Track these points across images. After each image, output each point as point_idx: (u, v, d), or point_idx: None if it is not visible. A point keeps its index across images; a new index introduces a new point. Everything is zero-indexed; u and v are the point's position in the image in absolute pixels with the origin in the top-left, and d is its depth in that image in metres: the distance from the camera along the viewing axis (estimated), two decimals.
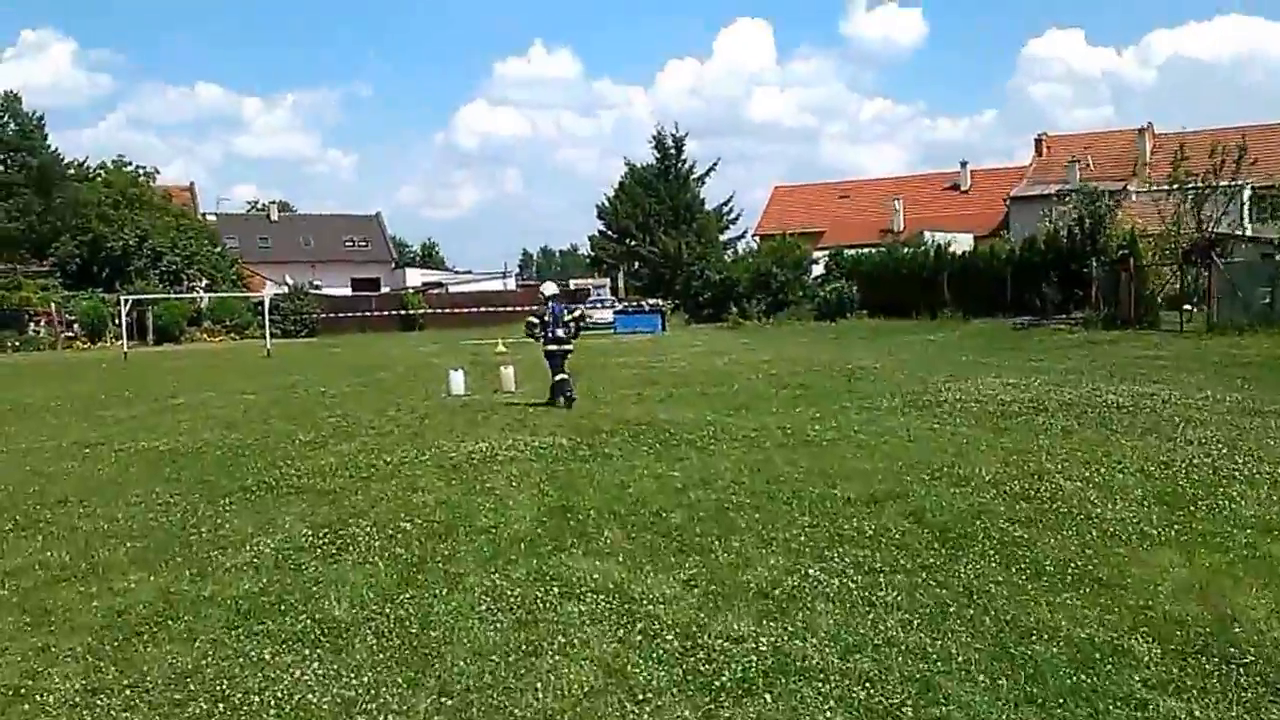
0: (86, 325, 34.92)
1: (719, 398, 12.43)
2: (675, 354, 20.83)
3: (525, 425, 10.78)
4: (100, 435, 11.24)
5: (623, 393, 13.45)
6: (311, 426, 11.34)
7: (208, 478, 8.36)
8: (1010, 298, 26.09)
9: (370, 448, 9.58)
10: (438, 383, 16.38)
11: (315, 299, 42.25)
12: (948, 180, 54.54)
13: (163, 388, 17.28)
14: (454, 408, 12.68)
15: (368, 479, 8.07)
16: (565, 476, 7.81)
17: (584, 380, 15.58)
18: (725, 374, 15.35)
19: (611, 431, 9.90)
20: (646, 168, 53.93)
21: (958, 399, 10.81)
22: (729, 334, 29.18)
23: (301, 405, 13.70)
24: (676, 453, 8.57)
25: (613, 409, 11.80)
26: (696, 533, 5.95)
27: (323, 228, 60.69)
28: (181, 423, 12.07)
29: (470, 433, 10.36)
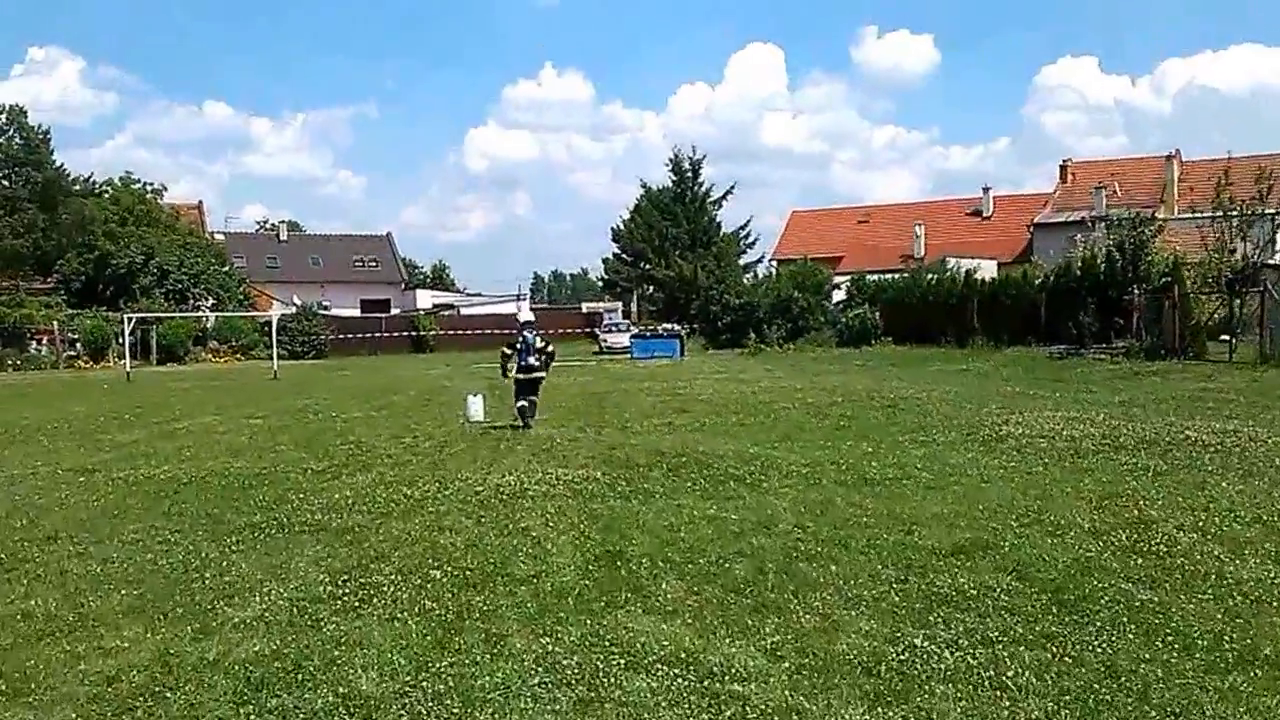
0: (89, 344, 34.50)
1: (757, 428, 11.77)
2: (699, 380, 20.19)
3: (553, 455, 10.14)
4: (97, 461, 10.64)
5: (653, 421, 12.81)
6: (323, 455, 10.72)
7: (212, 511, 7.73)
8: (1044, 326, 25.39)
9: (388, 479, 8.95)
10: (454, 407, 15.79)
11: (324, 320, 41.84)
12: (969, 206, 54.10)
13: (165, 410, 16.71)
14: (474, 435, 12.05)
15: (388, 515, 7.43)
16: (606, 516, 7.15)
17: (610, 407, 14.98)
18: (759, 402, 14.69)
19: (648, 464, 9.25)
20: (663, 190, 53.75)
21: (1021, 434, 10.13)
22: (751, 360, 28.52)
23: (312, 431, 13.10)
24: (725, 490, 7.91)
25: (645, 439, 11.15)
26: (768, 588, 5.28)
27: (332, 248, 60.51)
28: (184, 449, 11.46)
29: (495, 463, 9.72)
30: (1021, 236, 50.35)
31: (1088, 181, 50.15)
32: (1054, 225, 49.18)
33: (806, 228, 56.14)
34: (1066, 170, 51.58)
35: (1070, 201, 49.72)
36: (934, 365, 22.56)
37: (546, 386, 15.40)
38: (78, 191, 40.66)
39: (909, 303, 32.66)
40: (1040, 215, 49.58)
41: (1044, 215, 49.52)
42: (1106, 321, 23.46)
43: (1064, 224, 48.84)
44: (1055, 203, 50.19)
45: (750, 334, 35.67)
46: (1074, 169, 51.62)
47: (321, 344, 40.34)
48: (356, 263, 59.83)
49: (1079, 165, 52.08)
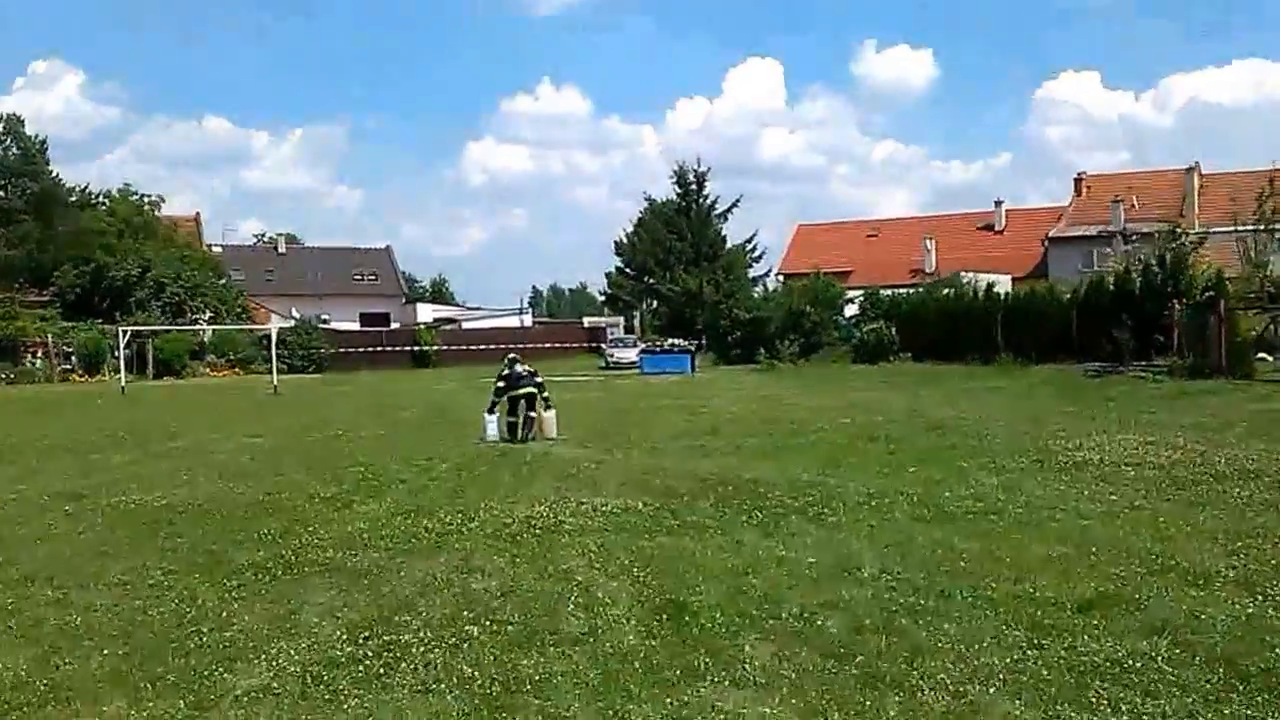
0: (85, 357, 33.69)
1: (799, 451, 10.94)
2: (718, 398, 19.37)
3: (582, 481, 9.32)
4: (86, 485, 9.80)
5: (683, 442, 11.99)
6: (332, 479, 9.89)
7: (210, 547, 6.89)
8: (1076, 342, 24.58)
9: (405, 508, 8.12)
10: (465, 426, 14.98)
11: (323, 334, 41.05)
12: (980, 220, 53.47)
13: (161, 427, 15.88)
14: (491, 457, 11.22)
15: (409, 553, 6.60)
16: (658, 556, 6.32)
17: (633, 426, 14.16)
18: (792, 422, 13.87)
19: (692, 493, 8.42)
20: (667, 203, 53.05)
21: (1100, 460, 9.30)
22: (765, 377, 27.69)
23: (317, 452, 12.26)
24: (787, 525, 7.08)
25: (679, 462, 10.33)
26: (874, 652, 4.44)
27: (331, 260, 59.78)
28: (181, 471, 10.62)
29: (521, 490, 8.89)
30: (1035, 251, 49.67)
31: (1102, 195, 49.54)
32: (1069, 239, 48.60)
33: (813, 241, 55.44)
34: (1081, 183, 51.00)
35: (1085, 215, 49.09)
36: (963, 383, 21.73)
37: (561, 404, 14.92)
38: (74, 203, 39.96)
39: (926, 318, 31.85)
40: (1055, 229, 48.94)
41: (1059, 229, 48.87)
42: (1144, 338, 22.65)
43: (1080, 238, 48.31)
44: (1070, 216, 49.55)
45: (761, 349, 34.96)
46: (1088, 182, 51.03)
47: (321, 358, 39.50)
48: (356, 276, 59.14)
49: (1093, 178, 51.47)
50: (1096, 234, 47.73)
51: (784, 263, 53.99)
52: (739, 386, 23.17)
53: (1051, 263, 47.65)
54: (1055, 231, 48.60)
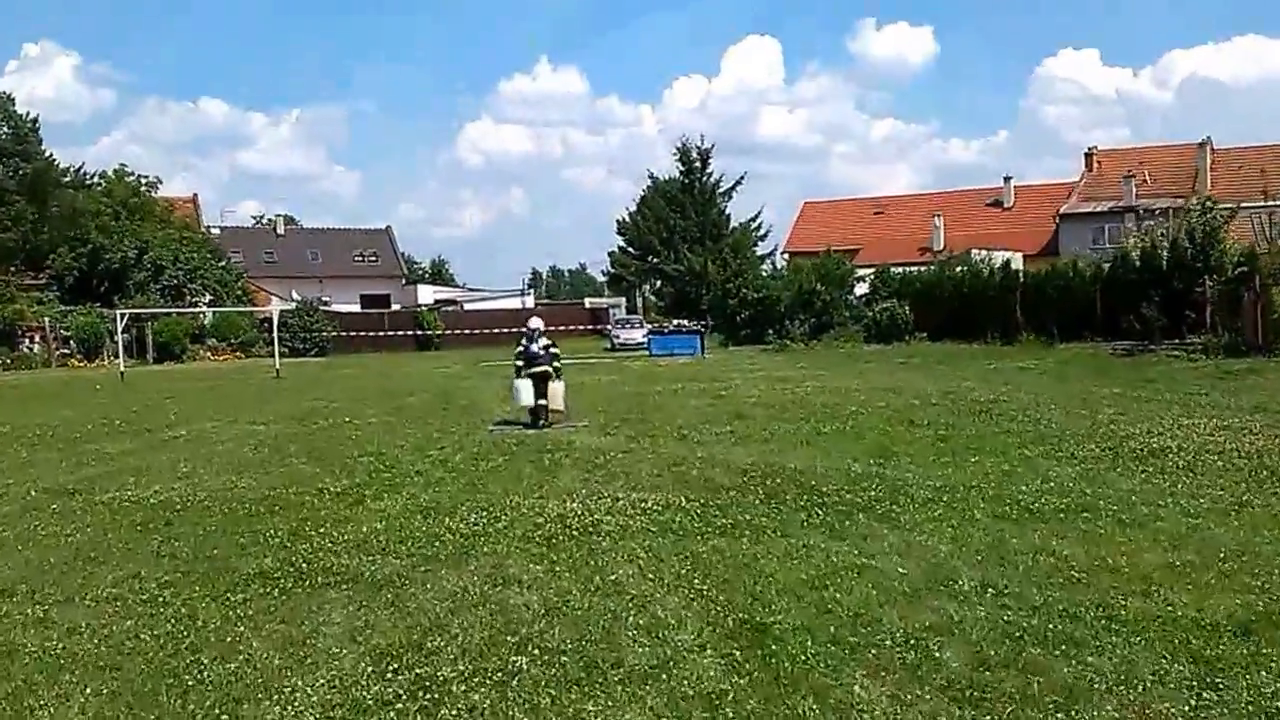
0: (83, 342, 32.82)
1: (842, 438, 10.15)
2: (737, 380, 18.57)
3: (612, 473, 8.54)
4: (78, 479, 9.01)
5: (712, 429, 11.20)
6: (342, 470, 9.11)
7: (212, 552, 6.12)
8: (1100, 320, 23.77)
9: (424, 505, 7.34)
10: (476, 411, 14.23)
11: (326, 316, 40.16)
12: (989, 196, 52.45)
13: (160, 415, 15.08)
14: (508, 446, 10.44)
15: (434, 559, 5.82)
16: (717, 564, 5.55)
17: (653, 411, 13.37)
18: (824, 406, 13.08)
19: (736, 487, 7.65)
20: (670, 181, 51.97)
21: (1176, 447, 8.52)
22: (779, 358, 26.89)
23: (324, 440, 11.48)
24: (855, 525, 6.30)
25: (712, 451, 9.55)
26: (1012, 695, 3.67)
27: (331, 242, 58.73)
28: (180, 463, 9.83)
29: (547, 483, 8.12)
30: (1046, 228, 48.71)
31: (1114, 171, 48.48)
32: (1081, 216, 47.62)
33: (819, 219, 54.48)
34: (1092, 159, 49.91)
35: (1097, 191, 48.07)
36: (988, 362, 20.93)
37: (573, 386, 14.20)
38: (69, 183, 38.83)
39: (941, 296, 31.06)
40: (1066, 206, 47.94)
41: (1070, 205, 47.87)
42: (1174, 316, 21.84)
43: (1092, 214, 47.33)
44: (1081, 192, 48.53)
45: (770, 330, 34.14)
46: (1099, 158, 49.94)
47: (324, 341, 38.66)
48: (356, 257, 58.11)
49: (1104, 154, 50.37)
50: (1109, 210, 46.85)
51: (789, 241, 53.04)
52: (754, 368, 22.36)
53: (1063, 239, 46.71)
54: (1067, 208, 47.60)
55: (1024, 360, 21.12)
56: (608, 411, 13.47)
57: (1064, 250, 44.31)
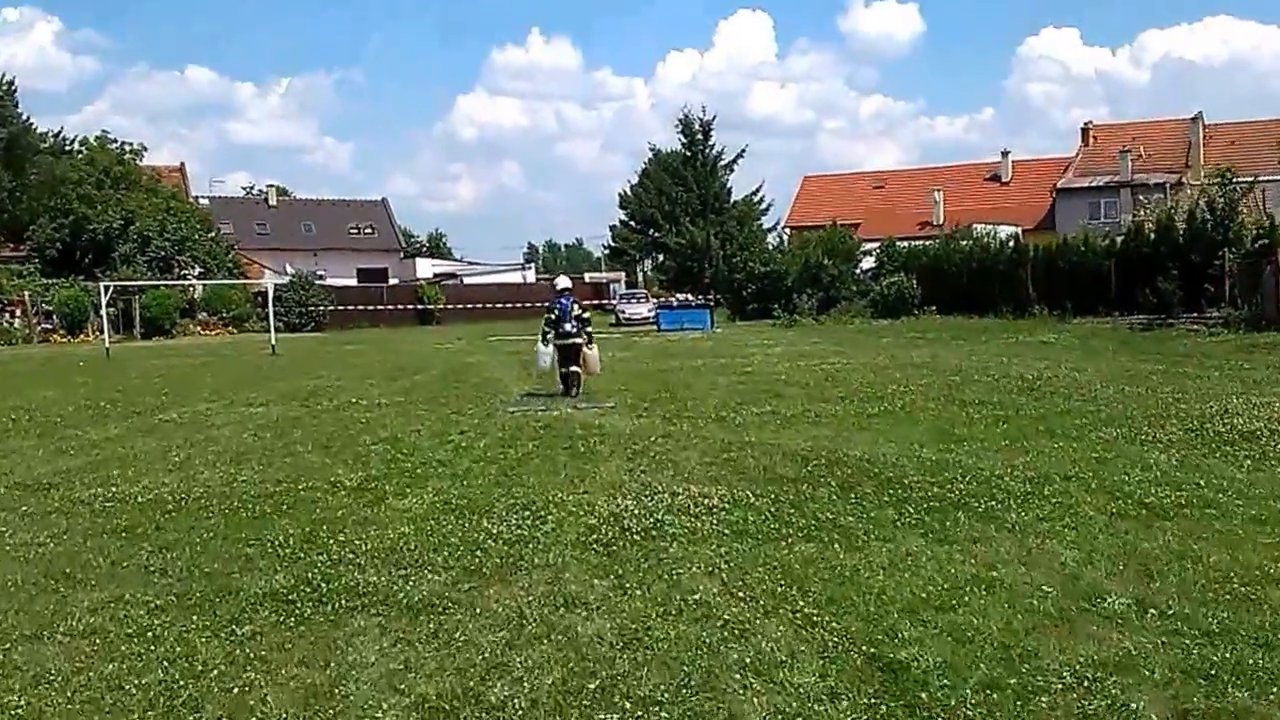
0: (66, 316, 31.49)
1: (894, 420, 9.27)
2: (757, 356, 17.66)
3: (658, 461, 7.62)
4: (56, 472, 8.00)
5: (750, 410, 10.27)
6: (355, 460, 8.15)
7: (212, 566, 5.15)
8: (1115, 294, 22.94)
9: (454, 502, 6.40)
10: (490, 389, 13.28)
11: (322, 290, 38.86)
12: (987, 171, 51.53)
13: (150, 395, 14.02)
14: (535, 429, 9.50)
15: (476, 572, 4.90)
16: (813, 577, 4.65)
17: (681, 389, 12.44)
18: (860, 384, 12.18)
19: (800, 478, 6.75)
20: (672, 154, 50.67)
21: (1265, 429, 7.69)
22: (790, 333, 25.97)
23: (332, 423, 10.48)
24: (956, 526, 5.42)
25: (760, 435, 8.64)
26: None
27: (326, 214, 57.04)
28: (172, 452, 8.84)
29: (589, 474, 7.19)
30: (1042, 202, 47.90)
31: (1109, 145, 47.61)
32: (1077, 190, 46.76)
33: (820, 194, 53.41)
34: (1088, 134, 48.96)
35: (1093, 166, 47.20)
36: (1005, 337, 20.11)
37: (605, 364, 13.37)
38: (48, 149, 37.04)
39: (949, 270, 30.16)
40: (1063, 180, 47.08)
41: (1067, 180, 47.02)
42: (1192, 289, 21.05)
43: (1088, 189, 46.45)
44: (1077, 167, 47.65)
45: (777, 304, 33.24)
46: (1095, 132, 49.02)
47: (320, 315, 37.40)
48: (352, 230, 56.52)
49: (1100, 129, 49.45)
50: (1105, 185, 46.02)
51: (790, 215, 51.99)
52: (770, 343, 21.46)
53: (1059, 214, 45.97)
54: (1063, 183, 46.78)
55: (1042, 334, 20.33)
56: (632, 390, 12.54)
57: (1061, 225, 43.59)
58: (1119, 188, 45.09)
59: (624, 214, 52.87)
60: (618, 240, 53.29)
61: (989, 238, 33.68)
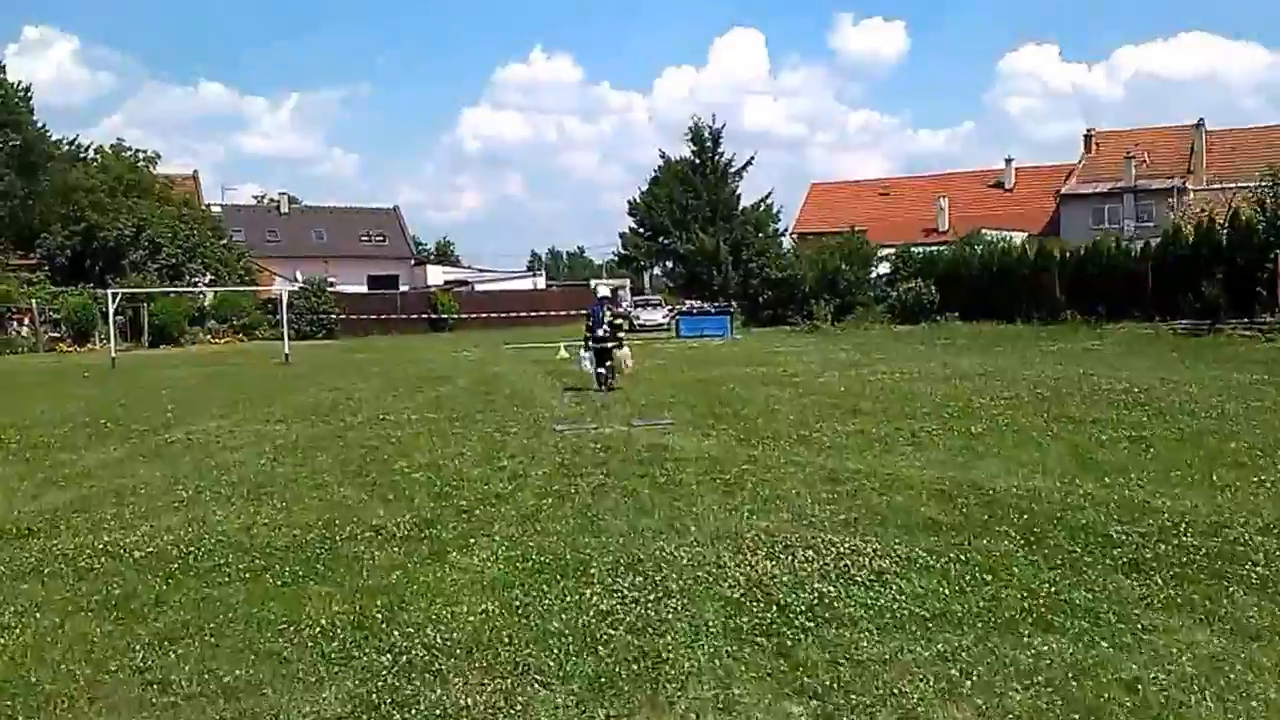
0: (74, 325, 29.77)
1: (1004, 440, 7.73)
2: (795, 365, 16.14)
3: (761, 496, 6.09)
4: (39, 512, 6.42)
5: (831, 429, 8.71)
6: (396, 494, 6.59)
7: (231, 675, 3.59)
8: (1151, 299, 21.47)
9: (534, 558, 4.85)
10: (525, 403, 11.72)
11: (334, 297, 37.21)
12: (990, 178, 50.12)
13: (155, 409, 12.40)
14: (595, 452, 7.97)
15: (612, 688, 3.34)
16: (1091, 695, 3.12)
17: (736, 404, 10.80)
18: (941, 398, 10.62)
19: (965, 526, 5.22)
20: (681, 161, 49.19)
21: None
22: (814, 339, 24.49)
23: (360, 445, 8.91)
24: (1235, 604, 3.88)
25: (866, 461, 7.10)
26: None
27: (337, 221, 55.31)
28: (178, 484, 7.25)
29: (687, 515, 5.64)
30: (1046, 208, 46.57)
31: (1112, 152, 46.30)
32: (1081, 196, 45.44)
33: (827, 200, 52.03)
34: (1091, 140, 47.58)
35: (1096, 172, 45.88)
36: (1048, 343, 18.63)
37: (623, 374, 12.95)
38: (62, 156, 35.33)
39: (968, 275, 28.74)
40: (1067, 187, 45.76)
41: (1071, 186, 45.69)
42: (1238, 293, 19.61)
43: (1092, 195, 45.14)
44: (1081, 174, 46.32)
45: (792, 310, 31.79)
46: (1098, 139, 47.61)
47: (332, 323, 35.77)
48: (363, 237, 54.80)
49: (1103, 135, 48.04)
50: (1108, 191, 44.73)
51: (798, 223, 50.57)
52: (798, 350, 19.95)
53: (1064, 220, 44.63)
54: (1067, 189, 45.42)
55: (1081, 340, 18.89)
56: (683, 404, 11.01)
57: (1066, 230, 42.26)
58: (1123, 193, 43.90)
59: (633, 221, 51.43)
60: (628, 247, 51.77)
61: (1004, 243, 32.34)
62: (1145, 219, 41.27)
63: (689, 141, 48.27)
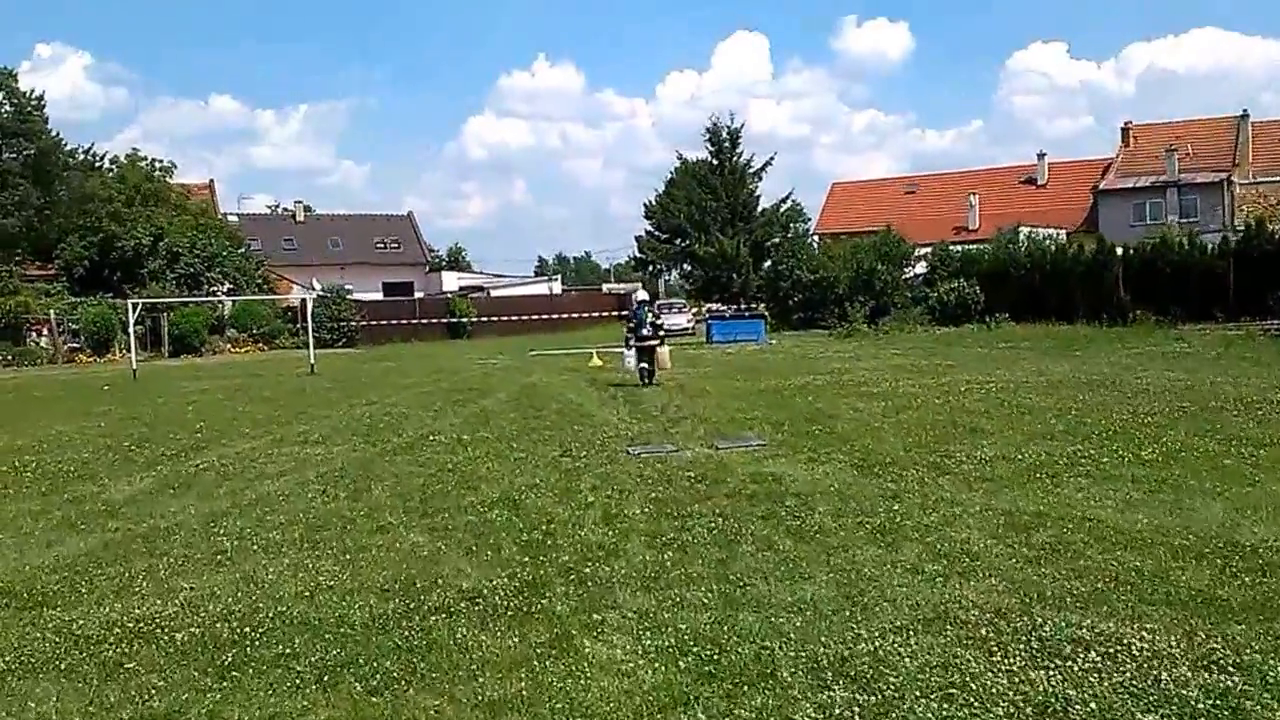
0: (92, 335, 28.94)
1: (1197, 469, 6.50)
2: (855, 372, 14.96)
3: (936, 550, 4.90)
4: (54, 565, 5.30)
5: (963, 454, 7.51)
6: (478, 541, 5.44)
7: None
8: (1233, 298, 20.16)
9: (691, 651, 3.68)
10: (582, 419, 10.61)
11: (354, 304, 36.28)
12: (1021, 174, 48.74)
13: (182, 427, 11.35)
14: (690, 482, 6.81)
15: None
16: None
17: (835, 421, 9.52)
18: (1054, 409, 9.45)
19: (1256, 605, 4.04)
20: (700, 163, 48.01)
21: None
22: (856, 343, 23.26)
23: (417, 472, 7.75)
24: None
25: (1035, 497, 5.91)
26: None
27: (352, 229, 54.46)
28: (217, 526, 6.11)
29: (857, 580, 4.45)
30: (1081, 204, 45.13)
31: (1150, 145, 44.80)
32: (1120, 191, 43.96)
33: (849, 200, 50.78)
34: (1128, 133, 46.08)
35: (1135, 166, 44.39)
36: (1127, 346, 17.36)
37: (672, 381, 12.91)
38: (78, 166, 34.61)
39: (1015, 274, 27.46)
40: (1105, 182, 44.29)
41: (1109, 181, 44.22)
42: None
43: (1133, 190, 43.64)
44: (1120, 168, 44.83)
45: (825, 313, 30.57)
46: (1136, 132, 46.13)
47: (352, 331, 34.84)
48: (378, 244, 53.95)
49: (1141, 129, 46.51)
50: (1150, 185, 43.22)
51: (821, 222, 49.34)
52: (848, 355, 18.77)
53: (1102, 216, 43.17)
54: (1106, 184, 43.97)
55: (1160, 343, 17.60)
56: (764, 420, 9.84)
57: (1104, 227, 40.77)
58: (1165, 188, 42.36)
59: (649, 224, 50.35)
60: (644, 251, 50.67)
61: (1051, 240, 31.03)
62: (1189, 214, 39.83)
63: (707, 142, 47.09)
